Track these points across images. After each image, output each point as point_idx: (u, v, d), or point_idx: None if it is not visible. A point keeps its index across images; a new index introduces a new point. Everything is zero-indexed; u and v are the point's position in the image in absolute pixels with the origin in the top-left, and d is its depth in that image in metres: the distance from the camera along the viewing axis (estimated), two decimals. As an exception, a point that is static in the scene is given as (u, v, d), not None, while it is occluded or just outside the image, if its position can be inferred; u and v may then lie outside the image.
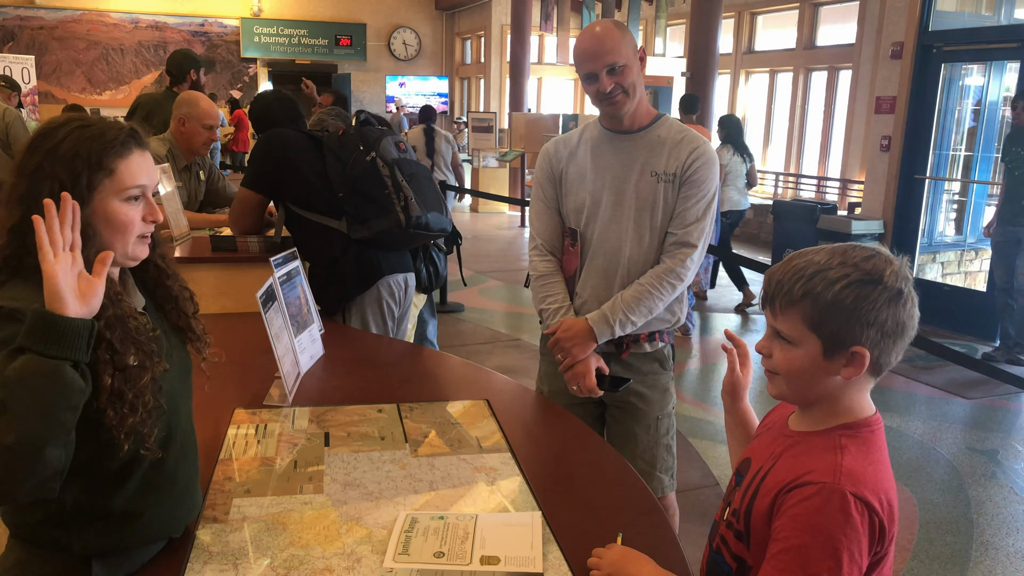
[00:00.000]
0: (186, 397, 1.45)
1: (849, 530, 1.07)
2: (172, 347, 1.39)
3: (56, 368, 1.04)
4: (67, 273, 1.08)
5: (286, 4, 16.59)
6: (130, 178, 1.24)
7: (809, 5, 10.92)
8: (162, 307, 1.41)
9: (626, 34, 2.10)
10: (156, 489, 1.32)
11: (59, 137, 1.21)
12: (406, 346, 2.82)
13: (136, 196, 1.26)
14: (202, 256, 3.07)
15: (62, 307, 1.06)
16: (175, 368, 1.36)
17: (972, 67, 6.68)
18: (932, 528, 3.37)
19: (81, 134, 1.22)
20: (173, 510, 1.37)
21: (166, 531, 1.37)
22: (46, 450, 1.03)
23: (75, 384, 1.06)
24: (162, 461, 1.31)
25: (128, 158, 1.24)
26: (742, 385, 1.52)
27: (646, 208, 2.16)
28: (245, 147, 13.30)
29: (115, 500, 1.27)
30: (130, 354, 1.20)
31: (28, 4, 14.95)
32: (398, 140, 2.96)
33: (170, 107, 4.54)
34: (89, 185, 1.20)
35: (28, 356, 1.03)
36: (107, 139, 1.23)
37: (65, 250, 1.09)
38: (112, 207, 1.23)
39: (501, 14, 15.65)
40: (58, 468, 1.06)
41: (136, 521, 1.30)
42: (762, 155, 11.97)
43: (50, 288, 1.06)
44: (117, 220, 1.23)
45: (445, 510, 1.55)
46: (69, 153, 1.20)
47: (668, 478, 2.32)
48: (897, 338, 1.15)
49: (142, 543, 1.33)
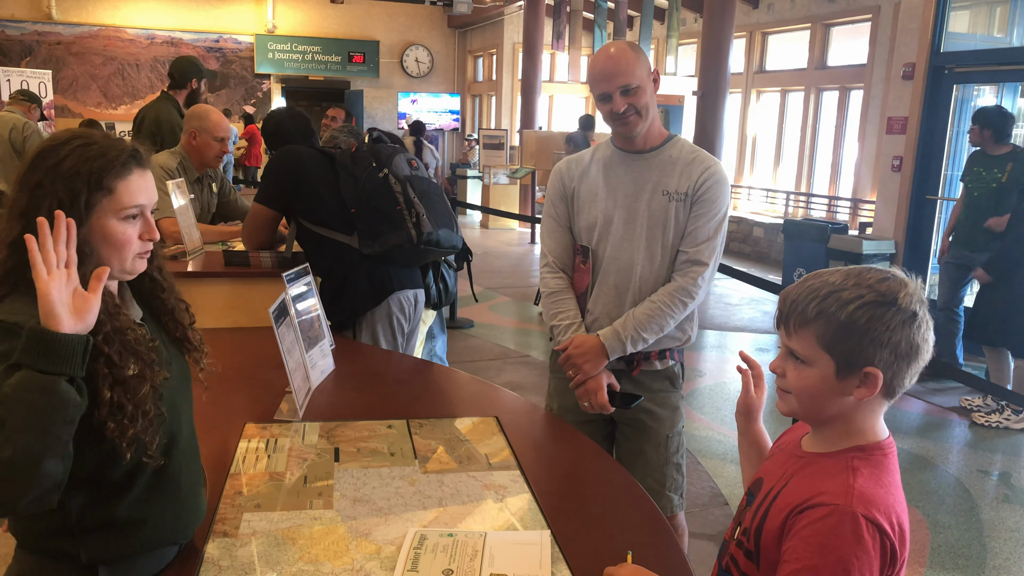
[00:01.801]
0: (187, 404, 1.46)
1: (860, 552, 1.07)
2: (172, 356, 1.40)
3: (51, 383, 1.05)
4: (61, 290, 1.09)
5: (300, 21, 16.73)
6: (128, 198, 1.25)
7: (821, 25, 10.95)
8: (159, 319, 1.43)
9: (640, 56, 2.11)
10: (160, 495, 1.33)
11: (61, 155, 1.22)
12: (416, 362, 2.83)
13: (134, 215, 1.27)
14: (215, 271, 3.09)
15: (56, 324, 1.07)
16: (175, 376, 1.37)
17: (984, 88, 6.67)
18: (944, 552, 3.34)
19: (83, 153, 1.23)
20: (179, 515, 1.38)
21: (172, 537, 1.37)
22: (43, 463, 1.05)
23: (70, 399, 1.07)
24: (165, 467, 1.32)
25: (128, 178, 1.25)
26: (756, 406, 1.52)
27: (657, 227, 2.16)
28: (258, 162, 13.39)
29: (120, 508, 1.28)
30: (129, 366, 1.21)
31: (46, 19, 15.13)
32: (410, 157, 2.98)
33: (168, 109, 4.60)
34: (88, 204, 1.21)
35: (24, 372, 1.05)
36: (108, 159, 1.24)
37: (60, 267, 1.10)
38: (110, 226, 1.24)
39: (513, 32, 15.75)
40: (56, 481, 1.08)
41: (142, 528, 1.31)
42: (773, 174, 11.98)
43: (44, 305, 1.08)
44: (115, 239, 1.24)
45: (454, 527, 1.55)
46: (70, 172, 1.21)
47: (678, 497, 2.31)
48: (911, 360, 1.15)
49: (148, 549, 1.34)
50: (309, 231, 2.94)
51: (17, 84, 11.37)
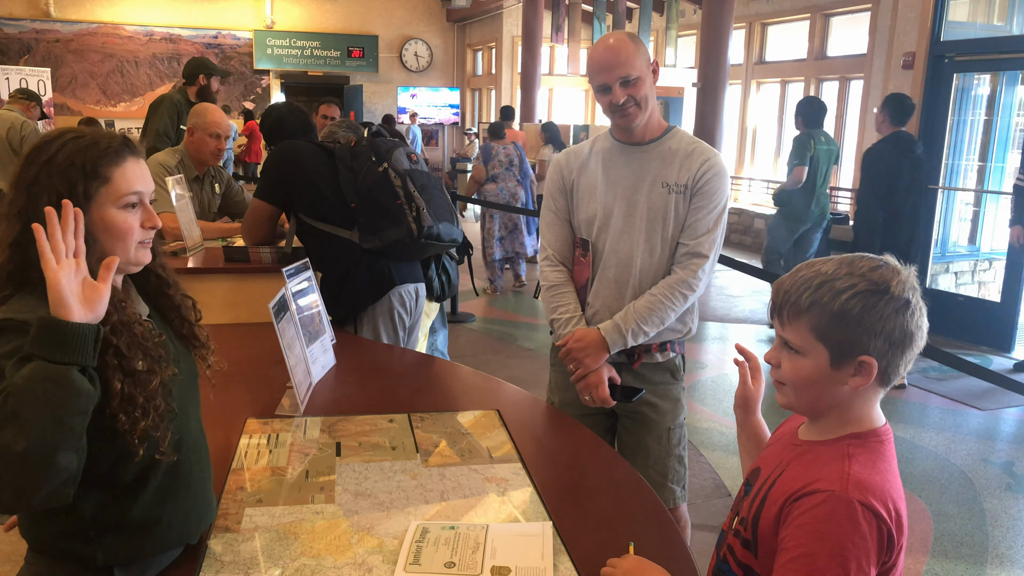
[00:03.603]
0: (195, 402, 1.46)
1: (857, 538, 1.07)
2: (179, 353, 1.40)
3: (64, 373, 1.04)
4: (70, 279, 1.08)
5: (298, 16, 16.71)
6: (126, 185, 1.25)
7: (820, 15, 10.91)
8: (165, 316, 1.42)
9: (640, 47, 2.11)
10: (172, 495, 1.33)
11: (53, 149, 1.23)
12: (417, 356, 2.83)
13: (133, 203, 1.27)
14: (215, 267, 3.09)
15: (67, 313, 1.07)
16: (183, 373, 1.36)
17: (984, 77, 6.66)
18: (946, 540, 3.34)
19: (75, 145, 1.24)
20: (190, 515, 1.38)
21: (184, 537, 1.38)
22: (58, 455, 1.04)
23: (83, 388, 1.06)
24: (176, 466, 1.32)
25: (123, 165, 1.26)
26: (754, 398, 1.52)
27: (657, 219, 2.16)
28: (257, 158, 13.37)
29: (134, 509, 1.28)
30: (138, 359, 1.21)
31: (44, 17, 15.11)
32: (410, 151, 2.98)
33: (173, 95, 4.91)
34: (86, 194, 1.21)
35: (36, 363, 1.04)
36: (100, 148, 1.24)
37: (68, 256, 1.10)
38: (110, 215, 1.24)
39: (512, 25, 15.72)
40: (71, 474, 1.07)
41: (155, 528, 1.31)
42: (773, 165, 11.96)
43: (54, 295, 1.07)
44: (116, 228, 1.25)
45: (456, 520, 1.55)
46: (64, 164, 1.21)
47: (680, 489, 2.32)
48: (905, 348, 1.15)
49: (162, 549, 1.34)
50: (309, 226, 2.94)
51: (16, 82, 11.37)
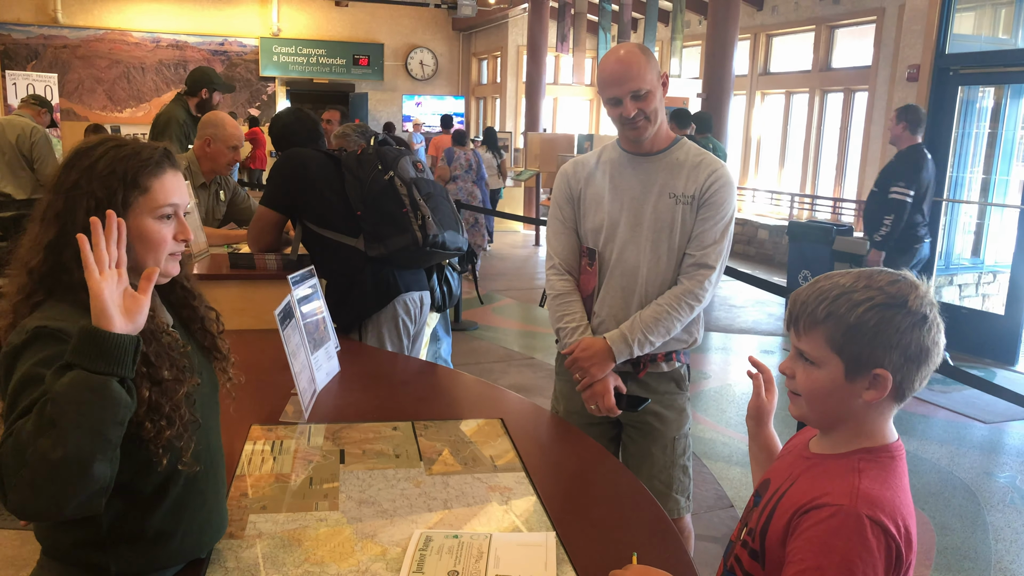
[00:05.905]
0: (215, 414, 1.46)
1: (865, 553, 1.07)
2: (201, 364, 1.40)
3: (103, 384, 1.05)
4: (113, 290, 1.09)
5: (304, 24, 16.77)
6: (164, 196, 1.27)
7: (825, 27, 10.94)
8: (189, 327, 1.43)
9: (651, 60, 2.11)
10: (189, 508, 1.33)
11: (96, 156, 1.24)
12: (421, 364, 2.83)
13: (168, 215, 1.28)
14: (220, 273, 3.09)
15: (108, 323, 1.07)
16: (205, 384, 1.37)
17: (989, 90, 6.66)
18: (950, 554, 3.33)
19: (117, 153, 1.25)
20: (204, 528, 1.38)
21: (196, 550, 1.37)
22: (94, 465, 1.04)
23: (121, 399, 1.07)
24: (194, 479, 1.32)
25: (162, 177, 1.27)
26: (766, 411, 1.52)
27: (664, 229, 2.16)
28: (262, 164, 13.41)
29: (151, 520, 1.28)
30: (165, 367, 1.22)
31: (52, 23, 15.19)
32: (416, 160, 2.98)
33: (177, 109, 4.88)
34: (124, 202, 1.23)
35: (76, 372, 1.04)
36: (142, 158, 1.26)
37: (111, 267, 1.10)
38: (146, 224, 1.25)
39: (517, 35, 15.77)
40: (104, 483, 1.07)
41: (170, 540, 1.31)
42: (777, 176, 11.97)
43: (97, 305, 1.07)
44: (150, 237, 1.26)
45: (459, 529, 1.55)
46: (106, 171, 1.23)
47: (684, 499, 2.31)
48: (921, 363, 1.15)
49: (175, 562, 1.34)
50: (315, 233, 2.94)
51: (23, 88, 11.43)
